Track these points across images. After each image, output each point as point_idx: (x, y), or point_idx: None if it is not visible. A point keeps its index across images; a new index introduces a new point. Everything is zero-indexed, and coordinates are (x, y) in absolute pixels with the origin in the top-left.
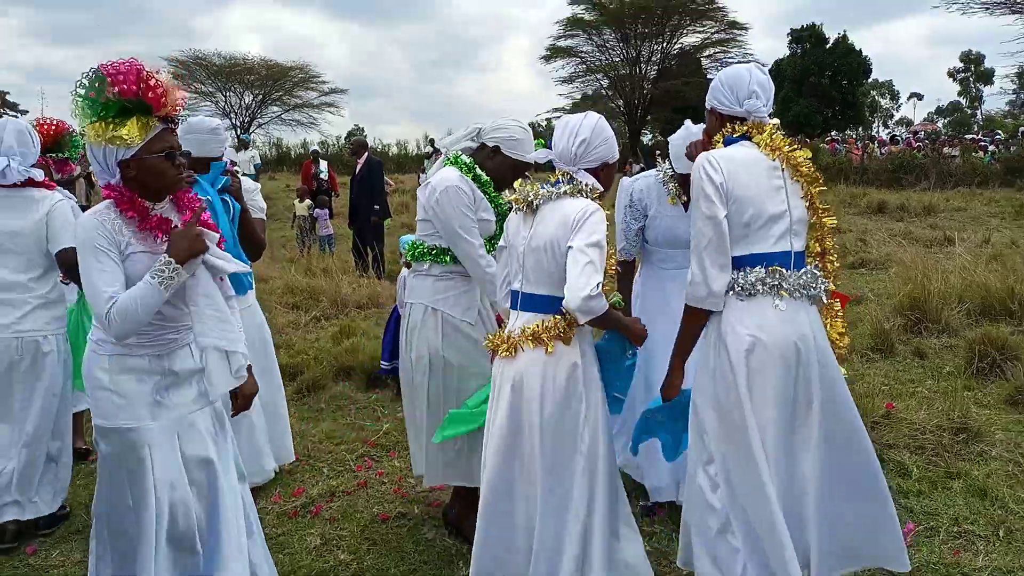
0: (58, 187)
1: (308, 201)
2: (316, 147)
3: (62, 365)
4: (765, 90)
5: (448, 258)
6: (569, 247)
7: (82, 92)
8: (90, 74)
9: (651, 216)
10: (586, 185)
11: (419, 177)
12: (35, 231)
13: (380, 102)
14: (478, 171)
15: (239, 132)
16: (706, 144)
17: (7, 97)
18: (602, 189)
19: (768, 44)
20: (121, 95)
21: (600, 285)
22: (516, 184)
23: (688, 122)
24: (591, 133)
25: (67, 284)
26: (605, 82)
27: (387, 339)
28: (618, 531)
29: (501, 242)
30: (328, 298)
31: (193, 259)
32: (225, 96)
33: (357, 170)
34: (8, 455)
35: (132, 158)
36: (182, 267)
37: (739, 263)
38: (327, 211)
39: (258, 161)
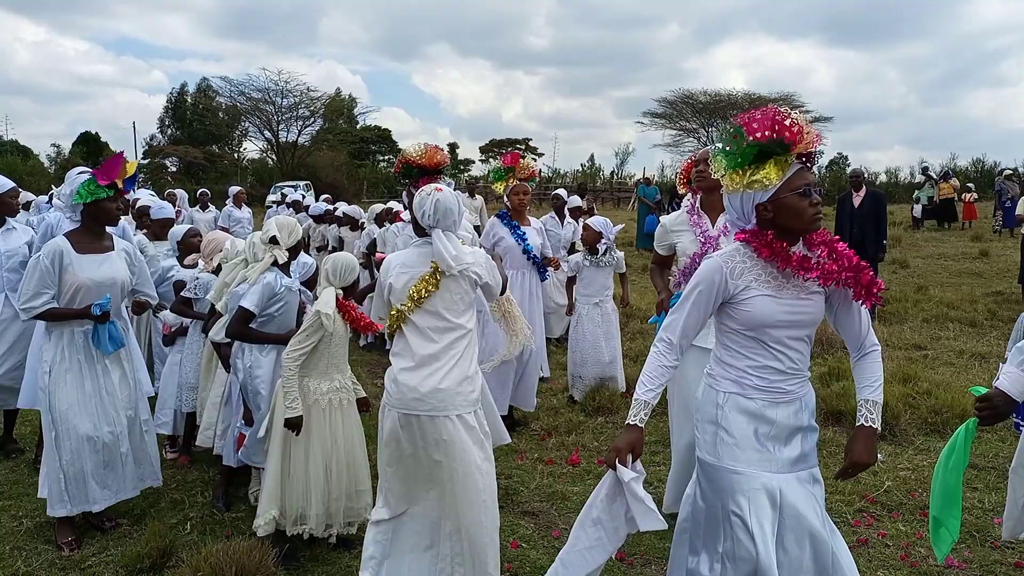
0: None
1: None
2: None
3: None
4: None
5: None
6: None
7: (721, 145)
8: (729, 128)
9: None
10: None
11: (912, 209)
12: None
13: (868, 128)
14: None
15: None
16: None
17: (529, 142)
18: None
19: None
20: (758, 140)
21: None
22: None
23: None
24: None
25: None
26: None
27: None
28: None
29: None
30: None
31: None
32: (707, 131)
33: (856, 204)
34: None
35: (769, 200)
36: None
37: None
38: None
39: None
